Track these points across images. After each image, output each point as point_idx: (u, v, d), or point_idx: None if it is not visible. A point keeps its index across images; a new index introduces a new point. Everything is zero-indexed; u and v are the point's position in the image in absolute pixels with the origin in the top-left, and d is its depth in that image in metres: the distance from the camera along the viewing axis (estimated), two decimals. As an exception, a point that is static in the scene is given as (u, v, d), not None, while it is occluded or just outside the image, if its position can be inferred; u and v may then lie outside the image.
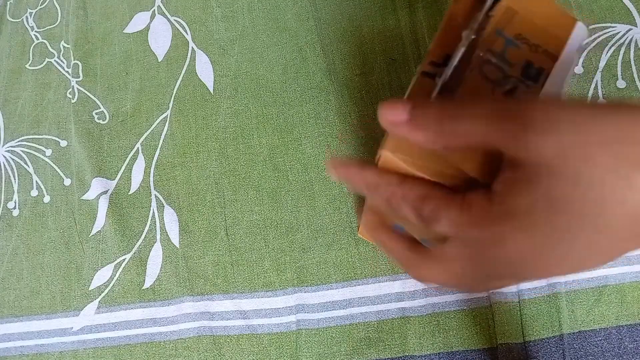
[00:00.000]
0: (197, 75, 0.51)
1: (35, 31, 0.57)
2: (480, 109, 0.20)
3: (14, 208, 0.50)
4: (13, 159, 0.52)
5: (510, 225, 0.20)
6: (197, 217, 0.46)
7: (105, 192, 0.48)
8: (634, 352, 0.38)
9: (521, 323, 0.39)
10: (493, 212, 0.20)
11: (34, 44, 0.56)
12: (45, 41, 0.56)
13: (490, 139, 0.20)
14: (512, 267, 0.21)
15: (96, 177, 0.49)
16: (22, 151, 0.52)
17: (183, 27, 0.53)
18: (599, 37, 0.45)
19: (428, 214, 0.22)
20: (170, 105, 0.50)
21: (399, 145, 0.23)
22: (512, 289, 0.40)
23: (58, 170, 0.50)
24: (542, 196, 0.19)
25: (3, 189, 0.51)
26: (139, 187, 0.48)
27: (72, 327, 0.45)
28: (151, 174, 0.48)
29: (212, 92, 0.50)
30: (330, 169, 0.26)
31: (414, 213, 0.23)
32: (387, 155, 0.24)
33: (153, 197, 0.47)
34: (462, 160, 0.22)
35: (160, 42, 0.53)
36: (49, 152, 0.51)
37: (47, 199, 0.49)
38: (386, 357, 0.40)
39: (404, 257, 0.25)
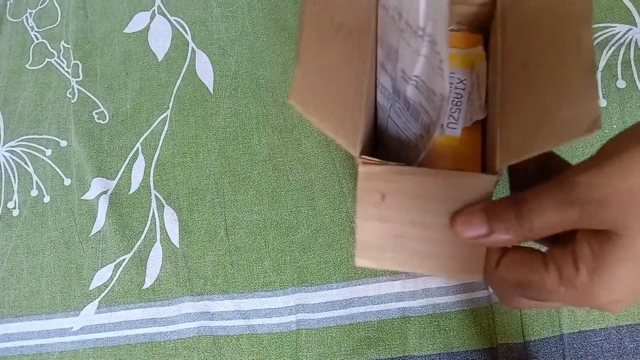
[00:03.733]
0: (197, 75, 0.51)
1: (35, 31, 0.57)
2: (549, 199, 0.22)
3: (14, 208, 0.50)
4: (13, 159, 0.51)
5: (619, 291, 0.22)
6: (197, 217, 0.46)
7: (105, 192, 0.48)
8: (634, 352, 0.38)
9: (521, 323, 0.39)
10: (598, 285, 0.22)
11: (34, 44, 0.56)
12: (45, 41, 0.56)
13: (565, 225, 0.22)
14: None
15: (96, 177, 0.49)
16: (22, 151, 0.52)
17: (183, 27, 0.53)
18: (599, 37, 0.45)
19: (535, 300, 0.24)
20: (170, 105, 0.50)
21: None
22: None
23: (58, 170, 0.50)
24: (631, 255, 0.21)
25: (3, 189, 0.51)
26: (139, 187, 0.48)
27: (72, 327, 0.45)
28: (151, 174, 0.48)
29: (212, 92, 0.50)
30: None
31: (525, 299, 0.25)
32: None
33: (153, 197, 0.47)
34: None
35: (160, 42, 0.53)
36: (48, 152, 0.51)
37: (47, 199, 0.49)
38: (386, 357, 0.40)
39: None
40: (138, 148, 0.49)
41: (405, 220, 0.26)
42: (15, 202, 0.50)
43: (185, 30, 0.53)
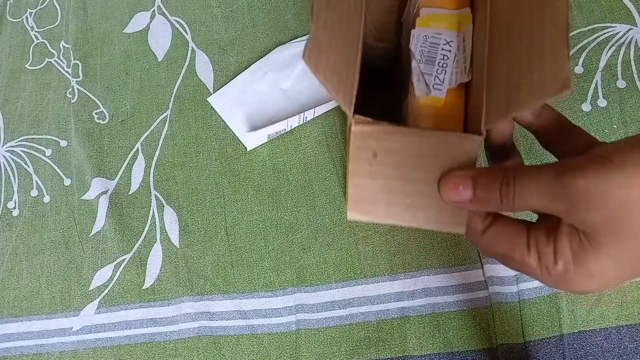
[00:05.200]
0: (197, 75, 0.51)
1: (35, 31, 0.57)
2: (535, 190, 0.23)
3: (14, 208, 0.50)
4: (13, 159, 0.51)
5: (591, 282, 0.23)
6: (197, 217, 0.46)
7: (105, 192, 0.48)
8: (634, 352, 0.38)
9: (521, 323, 0.39)
10: (572, 277, 0.23)
11: (34, 44, 0.56)
12: (45, 41, 0.56)
13: (548, 211, 0.23)
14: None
15: (96, 177, 0.49)
16: (22, 151, 0.52)
17: (183, 27, 0.53)
18: (599, 37, 0.45)
19: (515, 270, 0.26)
20: (170, 105, 0.50)
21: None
22: (512, 289, 0.40)
23: (58, 170, 0.50)
24: (611, 256, 0.22)
25: (3, 189, 0.51)
26: (139, 187, 0.48)
27: (72, 327, 0.45)
28: (151, 174, 0.48)
29: (212, 91, 0.50)
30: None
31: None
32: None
33: (153, 197, 0.47)
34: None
35: (160, 42, 0.53)
36: (48, 152, 0.51)
37: (47, 199, 0.49)
38: (386, 357, 0.40)
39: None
40: (138, 148, 0.49)
41: (395, 176, 0.27)
42: (15, 202, 0.50)
43: (185, 30, 0.53)
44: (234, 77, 0.50)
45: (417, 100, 0.29)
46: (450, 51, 0.30)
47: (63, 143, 0.51)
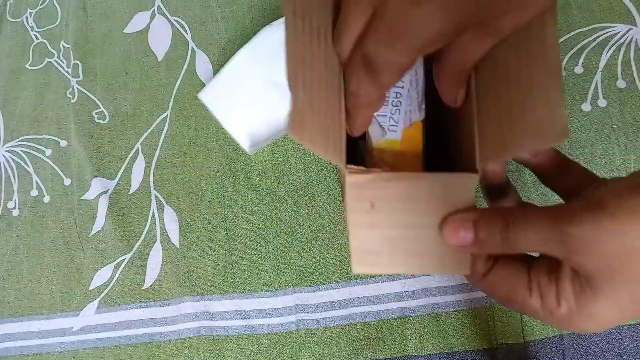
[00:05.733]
0: (197, 75, 0.51)
1: (35, 31, 0.57)
2: (533, 236, 0.23)
3: (14, 208, 0.50)
4: (13, 159, 0.52)
5: (590, 323, 0.23)
6: (197, 217, 0.46)
7: (105, 192, 0.48)
8: (634, 352, 0.38)
9: (521, 323, 0.39)
10: (575, 320, 0.23)
11: (34, 43, 0.56)
12: (45, 41, 0.56)
13: (548, 254, 0.23)
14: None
15: (96, 177, 0.49)
16: (22, 151, 0.52)
17: (183, 27, 0.53)
18: (599, 37, 0.45)
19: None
20: (170, 105, 0.50)
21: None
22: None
23: (58, 170, 0.50)
24: (610, 301, 0.22)
25: (3, 189, 0.51)
26: (139, 187, 0.48)
27: (72, 327, 0.45)
28: (151, 174, 0.48)
29: (212, 92, 0.50)
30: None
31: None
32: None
33: (153, 197, 0.47)
34: None
35: (160, 42, 0.53)
36: (48, 152, 0.51)
37: (47, 199, 0.49)
38: (386, 357, 0.40)
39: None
40: (138, 148, 0.49)
41: (395, 224, 0.27)
42: (15, 202, 0.50)
43: (185, 30, 0.53)
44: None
45: (373, 144, 0.29)
46: (402, 87, 0.30)
47: (63, 143, 0.51)
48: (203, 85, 0.50)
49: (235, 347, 0.42)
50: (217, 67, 0.51)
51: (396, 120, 0.29)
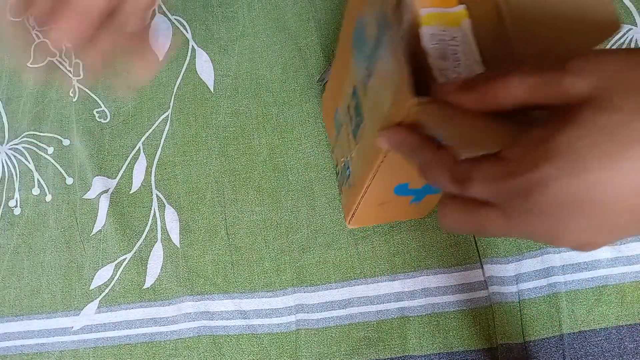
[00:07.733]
0: (197, 74, 0.51)
1: (37, 30, 0.57)
2: (523, 69, 0.20)
3: (16, 206, 0.50)
4: (15, 157, 0.52)
5: (551, 166, 0.19)
6: (198, 217, 0.46)
7: (106, 191, 0.48)
8: (634, 352, 0.38)
9: (521, 323, 0.39)
10: (530, 157, 0.19)
11: (35, 43, 0.56)
12: (46, 40, 0.56)
13: (534, 93, 0.20)
14: (566, 211, 0.20)
15: (97, 176, 0.49)
16: (24, 148, 0.52)
17: (183, 26, 0.53)
18: (600, 36, 0.45)
19: (461, 173, 0.22)
20: (171, 104, 0.50)
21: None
22: (512, 288, 0.40)
23: (60, 168, 0.50)
24: (586, 129, 0.18)
25: (5, 187, 0.51)
26: (140, 187, 0.48)
27: (72, 327, 0.45)
28: (152, 173, 0.48)
29: (212, 91, 0.50)
30: (382, 136, 0.26)
31: (448, 176, 0.23)
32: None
33: (154, 196, 0.47)
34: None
35: (160, 40, 0.53)
36: (51, 150, 0.51)
37: (48, 197, 0.49)
38: (386, 357, 0.40)
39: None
40: (139, 147, 0.49)
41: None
42: (17, 201, 0.50)
43: (186, 29, 0.53)
44: (235, 76, 0.50)
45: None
46: (458, 46, 0.30)
47: (65, 142, 0.51)
48: (204, 84, 0.50)
49: (235, 347, 0.42)
50: (218, 66, 0.51)
51: (460, 73, 0.29)
